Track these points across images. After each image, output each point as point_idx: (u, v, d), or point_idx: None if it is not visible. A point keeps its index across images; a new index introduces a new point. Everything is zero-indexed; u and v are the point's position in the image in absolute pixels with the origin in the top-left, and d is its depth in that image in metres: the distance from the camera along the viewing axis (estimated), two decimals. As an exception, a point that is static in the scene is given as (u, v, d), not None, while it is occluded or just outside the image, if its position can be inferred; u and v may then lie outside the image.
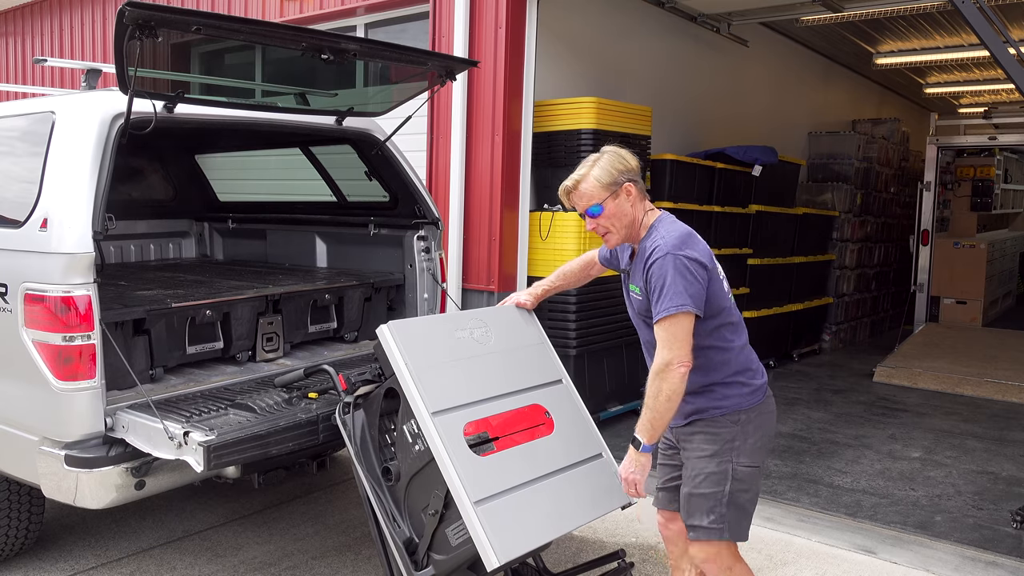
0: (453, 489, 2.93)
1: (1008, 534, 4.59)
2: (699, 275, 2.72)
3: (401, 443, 3.20)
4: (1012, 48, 4.19)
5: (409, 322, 3.38)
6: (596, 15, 6.97)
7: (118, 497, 3.26)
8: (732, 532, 2.85)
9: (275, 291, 4.31)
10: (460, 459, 2.98)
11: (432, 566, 3.05)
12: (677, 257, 2.71)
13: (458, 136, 6.02)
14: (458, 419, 3.09)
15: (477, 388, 3.25)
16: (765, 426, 2.89)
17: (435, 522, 3.03)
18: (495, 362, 3.41)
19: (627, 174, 2.87)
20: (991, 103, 14.27)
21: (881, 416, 7.07)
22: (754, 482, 2.86)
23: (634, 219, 2.90)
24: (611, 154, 2.91)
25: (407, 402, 3.11)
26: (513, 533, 2.92)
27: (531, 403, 3.36)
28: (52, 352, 3.21)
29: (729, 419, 2.82)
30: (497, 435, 3.17)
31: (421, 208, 4.71)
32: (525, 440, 3.21)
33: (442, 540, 3.03)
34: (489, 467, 3.04)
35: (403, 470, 3.18)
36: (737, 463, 2.81)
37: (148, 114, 3.42)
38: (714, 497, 2.81)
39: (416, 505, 3.14)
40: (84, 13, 9.23)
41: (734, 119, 9.00)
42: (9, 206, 3.56)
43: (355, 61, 3.77)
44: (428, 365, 3.18)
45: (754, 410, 2.85)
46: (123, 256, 5.94)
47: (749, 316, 8.10)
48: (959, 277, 11.02)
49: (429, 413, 3.03)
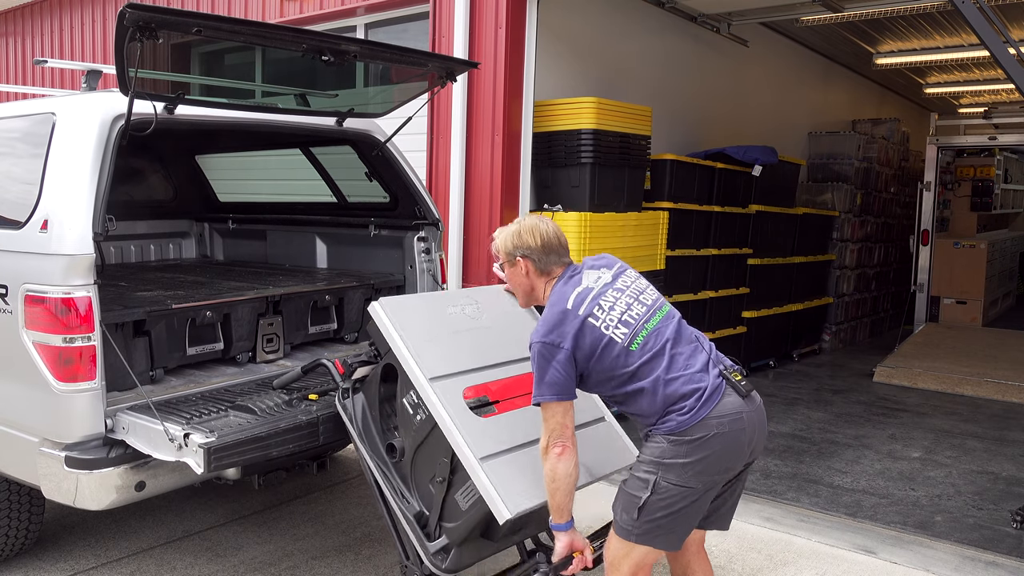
0: (458, 449, 2.95)
1: (1008, 534, 4.59)
2: (555, 360, 2.79)
3: (403, 418, 3.22)
4: (1012, 48, 4.19)
5: (400, 298, 3.44)
6: (596, 15, 6.97)
7: (118, 498, 3.26)
8: (640, 539, 2.80)
9: (275, 292, 4.31)
10: (462, 420, 3.01)
11: (445, 535, 3.06)
12: (542, 344, 2.83)
13: (458, 136, 6.02)
14: (456, 384, 3.13)
15: (473, 357, 3.30)
16: (708, 449, 2.71)
17: (443, 490, 3.05)
18: (489, 335, 3.46)
19: (524, 250, 3.05)
20: (991, 103, 14.27)
21: (881, 416, 7.07)
22: (679, 501, 2.73)
23: (531, 289, 3.11)
24: (518, 228, 3.09)
25: (404, 373, 3.15)
26: (522, 486, 2.93)
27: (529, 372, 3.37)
28: (52, 353, 3.21)
29: (663, 436, 2.77)
30: (497, 399, 3.20)
31: (421, 209, 4.71)
32: (526, 404, 3.21)
33: (452, 507, 3.05)
34: (492, 427, 3.07)
35: (407, 445, 3.20)
36: (663, 477, 2.73)
37: (148, 115, 3.43)
38: (632, 500, 2.79)
39: (423, 478, 3.15)
40: (84, 13, 9.23)
41: (734, 119, 8.99)
42: (10, 207, 3.56)
43: (355, 62, 3.77)
44: (422, 337, 3.22)
45: (694, 431, 2.71)
46: (123, 257, 5.94)
47: (749, 316, 8.12)
48: (959, 277, 11.02)
49: (427, 379, 3.08)
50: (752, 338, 8.28)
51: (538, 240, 3.04)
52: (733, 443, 2.75)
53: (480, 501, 2.93)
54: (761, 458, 5.81)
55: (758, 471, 5.54)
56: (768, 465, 5.69)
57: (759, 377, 8.46)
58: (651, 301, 2.96)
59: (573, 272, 3.04)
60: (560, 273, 3.06)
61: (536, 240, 3.04)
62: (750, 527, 4.60)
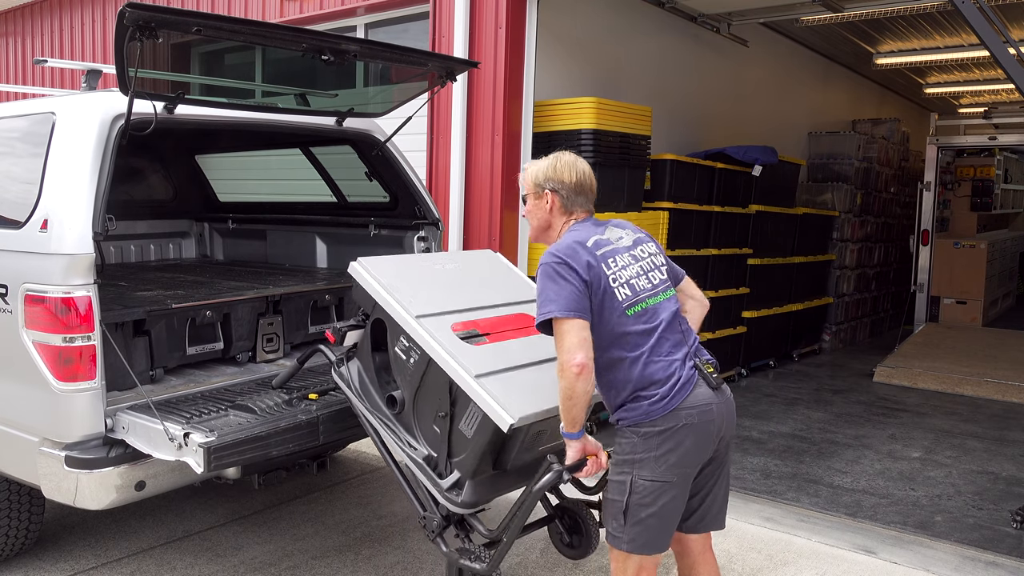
0: (453, 372, 2.98)
1: (1008, 534, 4.59)
2: (570, 277, 2.73)
3: (398, 367, 3.25)
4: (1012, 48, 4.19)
5: (380, 257, 3.50)
6: (596, 15, 6.97)
7: (118, 498, 3.26)
8: (631, 545, 2.77)
9: (275, 292, 4.31)
10: (454, 348, 3.05)
11: (456, 469, 3.06)
12: (557, 263, 2.76)
13: (458, 136, 6.02)
14: (443, 321, 3.18)
15: (458, 301, 3.35)
16: (677, 440, 2.72)
17: (447, 424, 3.05)
18: (471, 285, 3.54)
19: (555, 183, 2.96)
20: (991, 103, 14.27)
21: (881, 416, 7.07)
22: (659, 498, 2.72)
23: (549, 225, 3.02)
24: (554, 160, 3.01)
25: (392, 320, 3.20)
26: (521, 397, 2.93)
27: (516, 312, 3.48)
28: (52, 353, 3.21)
29: (631, 430, 2.75)
30: (487, 332, 3.24)
31: (421, 209, 4.71)
32: (516, 336, 3.28)
33: (458, 439, 3.05)
34: (484, 352, 3.11)
35: (406, 393, 3.23)
36: (638, 476, 2.72)
37: (148, 115, 3.43)
38: (615, 505, 2.77)
39: (427, 421, 3.16)
40: (84, 13, 9.24)
41: (734, 119, 8.99)
42: (9, 207, 3.56)
43: (355, 62, 3.77)
44: (405, 287, 3.29)
45: (663, 422, 2.71)
46: (123, 256, 5.94)
47: (749, 316, 8.12)
48: (959, 277, 11.02)
49: (413, 317, 3.12)
50: (752, 338, 8.28)
51: (573, 177, 2.97)
52: (702, 434, 2.76)
53: (483, 422, 2.91)
54: (761, 458, 5.82)
55: (758, 471, 5.54)
56: (768, 465, 5.69)
57: (759, 377, 8.46)
58: (658, 281, 2.91)
59: (597, 223, 3.00)
60: (582, 218, 3.00)
61: (572, 176, 2.97)
62: (750, 527, 4.60)
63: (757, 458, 5.83)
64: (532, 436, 3.03)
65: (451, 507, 3.06)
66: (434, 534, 3.13)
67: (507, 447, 3.04)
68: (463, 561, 3.04)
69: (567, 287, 2.71)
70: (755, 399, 7.54)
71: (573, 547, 3.44)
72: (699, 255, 7.37)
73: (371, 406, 3.36)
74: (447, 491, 3.05)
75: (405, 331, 3.16)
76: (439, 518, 3.12)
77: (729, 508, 4.89)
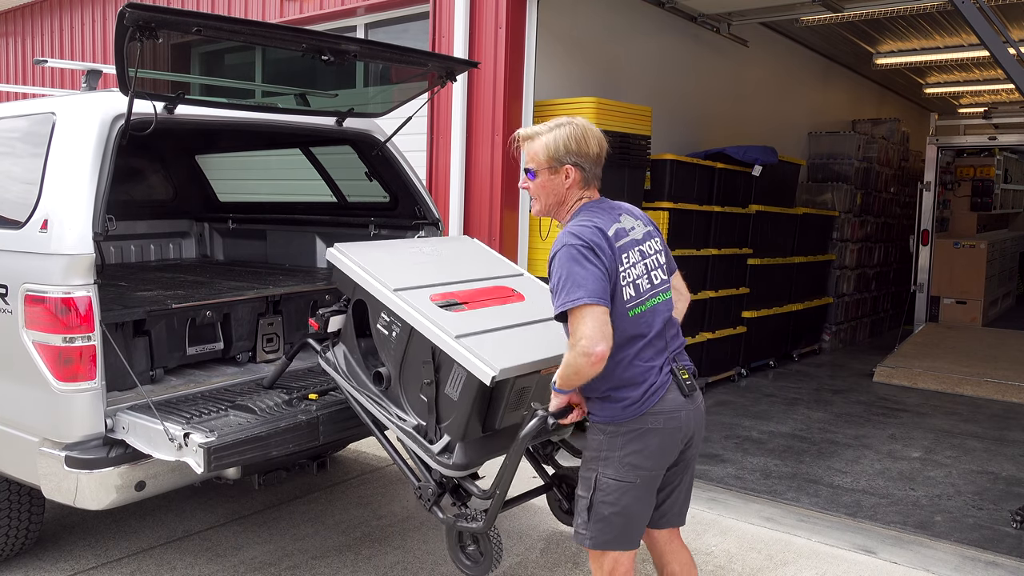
0: (434, 337, 3.02)
1: (1008, 534, 4.59)
2: (596, 262, 2.59)
3: (381, 343, 3.31)
4: (1012, 48, 4.19)
5: (357, 243, 3.57)
6: (596, 15, 6.97)
7: (118, 498, 3.27)
8: (595, 541, 2.78)
9: (275, 292, 4.31)
10: (433, 314, 3.11)
11: (445, 434, 3.10)
12: (580, 246, 2.60)
13: (458, 136, 6.02)
14: (422, 293, 3.24)
15: (436, 277, 3.41)
16: (644, 442, 2.72)
17: (433, 391, 3.10)
18: (447, 264, 3.60)
19: (576, 156, 2.75)
20: (991, 103, 14.27)
21: (881, 416, 7.07)
22: (622, 497, 2.72)
23: (563, 200, 2.82)
24: (574, 129, 2.76)
25: (372, 298, 3.26)
26: (502, 353, 2.97)
27: (496, 285, 3.53)
28: (52, 353, 3.21)
29: (600, 428, 2.76)
30: (465, 301, 3.30)
31: (421, 209, 4.71)
32: (495, 304, 3.33)
33: (445, 404, 3.09)
34: (463, 317, 3.17)
35: (391, 368, 3.28)
36: (603, 474, 2.73)
37: (148, 115, 3.43)
38: (581, 501, 2.79)
39: (414, 392, 3.22)
40: (84, 13, 9.24)
41: (734, 119, 9.00)
42: (10, 207, 3.56)
43: (355, 62, 3.78)
44: (383, 267, 3.35)
45: (630, 424, 2.70)
46: (123, 257, 5.94)
47: (749, 316, 8.12)
48: (959, 277, 11.02)
49: (392, 290, 3.18)
50: (752, 338, 8.28)
51: (597, 149, 2.76)
52: (668, 439, 2.76)
53: (467, 382, 2.95)
54: (761, 458, 5.82)
55: (758, 471, 5.54)
56: (768, 465, 5.69)
57: (759, 377, 8.47)
58: (659, 281, 2.86)
59: (611, 206, 2.83)
60: (596, 195, 2.85)
61: (596, 148, 2.76)
62: (750, 527, 4.60)
63: (757, 458, 5.83)
64: (516, 393, 3.08)
65: (443, 470, 3.10)
66: (430, 503, 3.18)
67: (493, 406, 3.09)
68: (460, 523, 3.08)
69: (594, 271, 2.57)
70: (755, 399, 7.54)
71: (571, 513, 3.47)
72: (699, 255, 7.37)
73: (359, 385, 3.42)
74: (438, 455, 3.10)
75: (385, 306, 3.21)
76: (433, 485, 3.17)
77: (729, 508, 4.92)
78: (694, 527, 4.54)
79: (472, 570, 3.12)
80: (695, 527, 4.55)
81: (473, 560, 3.13)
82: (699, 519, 4.67)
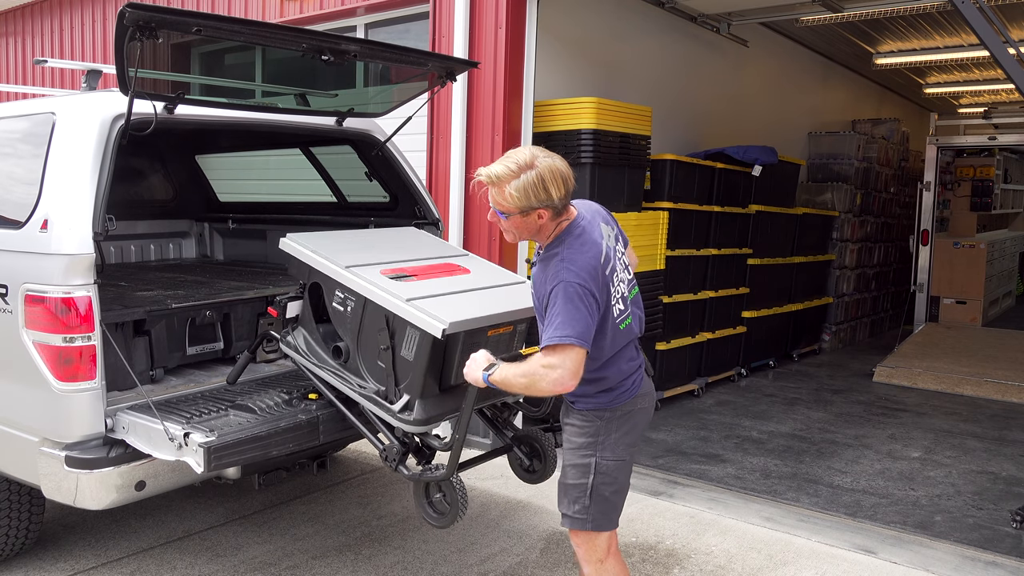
0: (386, 303, 3.20)
1: (1008, 534, 4.59)
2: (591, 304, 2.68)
3: (338, 320, 3.47)
4: (1012, 48, 4.19)
5: (308, 233, 3.74)
6: (596, 15, 6.97)
7: (118, 498, 3.27)
8: (596, 523, 2.90)
9: (275, 292, 4.30)
10: (384, 284, 3.29)
11: (404, 393, 3.26)
12: (581, 286, 2.67)
13: (458, 136, 6.01)
14: (373, 269, 3.42)
15: (386, 257, 3.60)
16: (632, 422, 2.94)
17: (390, 356, 3.27)
18: (393, 248, 3.80)
19: (546, 202, 2.69)
20: (991, 103, 14.27)
21: (881, 416, 7.07)
22: (619, 475, 2.91)
23: (539, 230, 2.81)
24: (539, 176, 2.67)
25: (327, 277, 3.44)
26: (450, 311, 3.16)
27: (443, 262, 3.75)
28: (52, 353, 3.21)
29: (594, 414, 2.90)
30: (415, 274, 3.49)
31: (421, 209, 4.71)
32: (443, 276, 3.57)
33: (402, 366, 3.25)
34: (413, 286, 3.36)
35: (349, 341, 3.43)
36: (601, 457, 2.88)
37: (148, 115, 3.43)
38: (579, 488, 2.89)
39: (372, 360, 3.37)
40: (84, 13, 9.23)
41: (734, 119, 8.99)
42: (10, 207, 3.56)
43: (355, 62, 3.78)
44: (335, 250, 3.54)
45: (619, 409, 2.90)
46: (123, 256, 5.94)
47: (749, 316, 8.12)
48: (959, 277, 11.02)
49: (344, 267, 3.36)
50: (752, 338, 8.28)
51: (564, 189, 2.70)
52: (645, 416, 3.02)
53: (421, 340, 3.13)
54: (761, 458, 5.82)
55: (758, 471, 5.54)
56: (768, 465, 5.69)
57: (759, 377, 8.47)
58: (628, 280, 2.97)
59: (591, 226, 2.84)
60: (572, 214, 2.83)
61: (563, 189, 2.70)
62: (750, 527, 4.60)
63: (757, 458, 5.83)
64: (467, 348, 3.17)
65: (405, 427, 3.26)
66: (395, 463, 3.30)
67: (447, 363, 3.27)
68: (425, 475, 3.20)
69: (586, 315, 2.67)
70: (755, 399, 7.54)
71: (534, 471, 3.69)
72: (699, 255, 7.37)
73: (320, 362, 3.55)
74: (399, 413, 3.25)
75: (339, 283, 3.40)
76: (398, 445, 3.30)
77: (729, 508, 4.92)
78: (694, 527, 4.55)
79: (440, 521, 3.25)
80: (695, 527, 4.55)
81: (440, 511, 3.25)
82: (699, 519, 4.67)
